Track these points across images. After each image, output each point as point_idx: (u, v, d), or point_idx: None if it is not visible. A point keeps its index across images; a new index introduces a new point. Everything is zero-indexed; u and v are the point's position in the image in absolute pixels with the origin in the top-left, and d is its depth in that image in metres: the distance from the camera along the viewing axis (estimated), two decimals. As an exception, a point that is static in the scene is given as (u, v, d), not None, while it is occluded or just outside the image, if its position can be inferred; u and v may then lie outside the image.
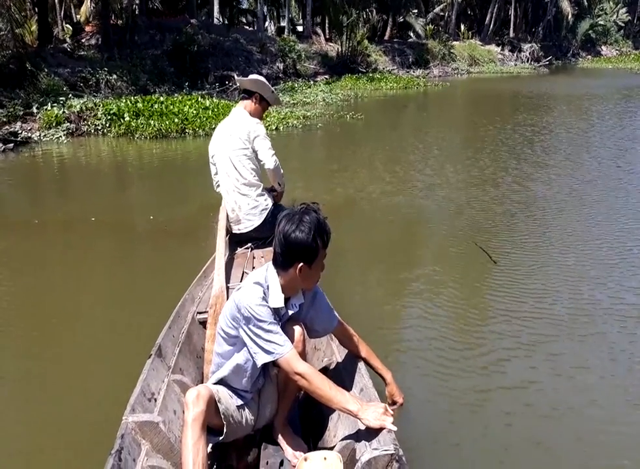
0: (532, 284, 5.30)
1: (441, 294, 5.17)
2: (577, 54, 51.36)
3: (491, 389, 3.80)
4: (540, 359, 4.11)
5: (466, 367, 4.01)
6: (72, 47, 19.22)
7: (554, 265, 5.77)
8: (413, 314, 4.87)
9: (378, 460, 2.09)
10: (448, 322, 4.70)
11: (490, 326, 4.62)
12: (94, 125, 13.23)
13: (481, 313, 4.85)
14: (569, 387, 3.80)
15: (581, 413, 3.54)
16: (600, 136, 13.48)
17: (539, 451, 3.21)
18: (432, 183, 9.02)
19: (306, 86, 22.79)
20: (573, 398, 3.66)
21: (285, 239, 2.33)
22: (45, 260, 6.19)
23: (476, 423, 3.45)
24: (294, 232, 2.31)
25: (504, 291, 5.18)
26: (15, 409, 3.68)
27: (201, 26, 23.92)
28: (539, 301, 4.95)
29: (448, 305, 4.97)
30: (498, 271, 5.61)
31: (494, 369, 4.02)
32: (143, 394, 2.51)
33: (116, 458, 2.11)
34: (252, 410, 2.62)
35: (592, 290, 5.17)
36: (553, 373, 3.94)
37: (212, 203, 5.93)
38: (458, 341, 4.38)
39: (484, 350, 4.25)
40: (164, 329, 3.07)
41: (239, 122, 4.29)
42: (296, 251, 2.33)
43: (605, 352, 4.17)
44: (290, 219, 2.35)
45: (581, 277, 5.45)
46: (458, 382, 3.84)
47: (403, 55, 33.85)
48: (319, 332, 2.72)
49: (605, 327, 4.52)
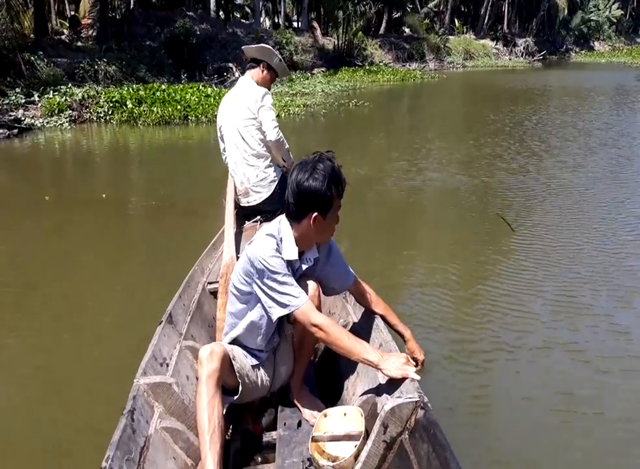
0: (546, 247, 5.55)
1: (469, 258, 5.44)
2: (571, 49, 51.55)
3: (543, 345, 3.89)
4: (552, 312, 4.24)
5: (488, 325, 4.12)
6: (70, 39, 19.16)
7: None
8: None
9: (403, 408, 1.99)
10: (469, 282, 4.82)
11: (506, 283, 4.79)
12: (97, 112, 13.23)
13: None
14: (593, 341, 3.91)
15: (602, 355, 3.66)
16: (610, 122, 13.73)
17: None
18: (450, 161, 9.41)
19: (304, 78, 22.80)
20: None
21: (298, 188, 2.21)
22: (61, 232, 6.32)
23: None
24: (308, 181, 2.18)
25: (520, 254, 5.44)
26: (28, 371, 3.74)
27: (198, 19, 23.89)
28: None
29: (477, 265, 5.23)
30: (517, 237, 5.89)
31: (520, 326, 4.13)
32: (154, 358, 2.45)
33: (129, 418, 2.06)
34: (267, 371, 2.54)
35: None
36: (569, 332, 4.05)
37: (217, 180, 5.98)
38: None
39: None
40: (174, 297, 3.00)
41: (247, 92, 4.13)
42: (310, 200, 2.21)
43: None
44: (304, 168, 2.22)
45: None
46: (482, 342, 3.93)
47: (398, 49, 33.87)
48: (335, 289, 2.60)
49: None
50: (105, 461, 1.84)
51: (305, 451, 2.27)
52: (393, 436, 2.01)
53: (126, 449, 1.96)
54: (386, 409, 1.99)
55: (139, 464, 1.99)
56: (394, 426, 1.99)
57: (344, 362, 2.63)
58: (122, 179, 8.80)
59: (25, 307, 4.54)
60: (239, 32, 24.80)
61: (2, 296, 4.76)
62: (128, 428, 2.02)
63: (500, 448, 2.95)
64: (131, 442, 2.00)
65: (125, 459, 1.92)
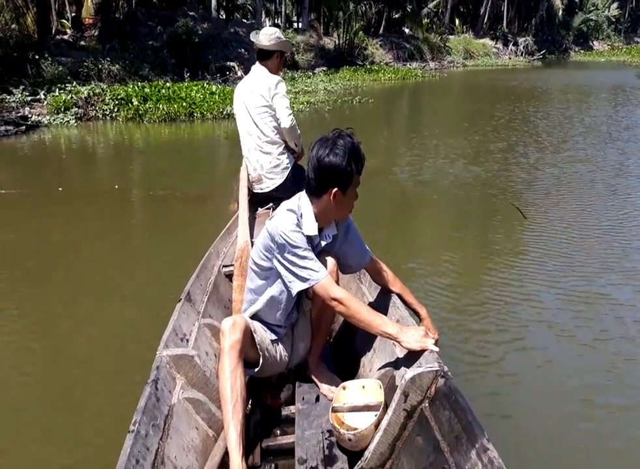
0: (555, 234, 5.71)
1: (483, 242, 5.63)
2: (570, 48, 51.61)
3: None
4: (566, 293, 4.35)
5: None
6: (74, 38, 19.22)
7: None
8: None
9: (423, 377, 1.99)
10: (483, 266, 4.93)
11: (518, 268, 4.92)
12: (102, 110, 13.31)
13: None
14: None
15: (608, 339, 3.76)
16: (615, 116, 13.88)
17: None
18: (459, 154, 9.57)
19: (306, 77, 22.87)
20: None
21: (318, 163, 2.23)
22: (78, 219, 6.56)
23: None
24: (328, 156, 2.21)
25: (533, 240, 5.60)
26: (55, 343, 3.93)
27: (200, 18, 23.96)
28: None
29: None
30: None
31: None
32: (175, 333, 2.49)
33: (153, 387, 2.10)
34: (286, 346, 2.57)
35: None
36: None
37: (222, 173, 6.44)
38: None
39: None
40: (192, 278, 3.04)
41: (260, 79, 4.16)
42: (330, 175, 2.23)
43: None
44: (324, 144, 2.25)
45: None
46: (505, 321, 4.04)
47: (399, 49, 33.92)
48: (352, 267, 2.61)
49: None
50: (133, 425, 1.90)
51: (324, 423, 2.30)
52: (413, 404, 2.02)
53: (152, 416, 2.01)
54: (407, 378, 1.99)
55: (164, 431, 2.04)
56: (414, 395, 2.01)
57: (360, 340, 2.68)
58: (131, 172, 8.98)
59: (47, 286, 4.76)
60: (240, 31, 24.86)
61: (27, 277, 4.97)
62: (153, 396, 2.07)
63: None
64: (156, 410, 2.05)
65: (151, 425, 1.98)
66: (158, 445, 1.96)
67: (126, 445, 1.82)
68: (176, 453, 2.03)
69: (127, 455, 1.78)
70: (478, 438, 1.72)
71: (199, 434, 2.22)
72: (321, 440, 2.23)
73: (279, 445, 2.30)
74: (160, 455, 1.94)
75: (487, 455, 1.66)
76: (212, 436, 2.27)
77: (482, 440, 1.71)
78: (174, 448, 2.04)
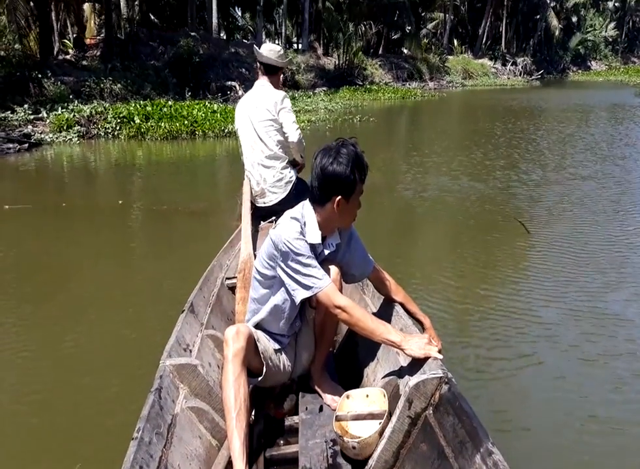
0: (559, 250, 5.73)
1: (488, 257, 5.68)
2: (568, 68, 52.10)
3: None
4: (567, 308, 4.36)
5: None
6: (76, 58, 19.39)
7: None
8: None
9: (427, 384, 1.99)
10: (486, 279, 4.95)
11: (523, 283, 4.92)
12: (104, 128, 13.39)
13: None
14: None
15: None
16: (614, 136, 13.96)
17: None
18: (462, 171, 9.64)
19: (306, 96, 23.03)
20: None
21: (322, 172, 2.25)
22: (82, 233, 6.75)
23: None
24: (332, 165, 2.22)
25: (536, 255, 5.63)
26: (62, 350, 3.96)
27: (201, 39, 24.18)
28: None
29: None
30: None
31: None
32: (178, 343, 2.48)
33: (157, 395, 2.09)
34: (289, 356, 2.56)
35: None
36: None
37: (223, 189, 6.69)
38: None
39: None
40: (195, 290, 3.04)
41: (265, 94, 4.17)
42: (333, 183, 2.25)
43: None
44: (328, 153, 2.27)
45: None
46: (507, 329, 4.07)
47: (398, 69, 34.25)
48: (355, 276, 2.61)
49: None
50: (137, 432, 1.88)
51: (328, 433, 2.28)
52: (417, 411, 2.01)
53: (155, 424, 1.99)
54: (411, 385, 1.99)
55: (167, 439, 2.02)
56: (419, 401, 2.00)
57: (363, 350, 2.67)
58: (133, 188, 9.06)
59: (54, 298, 4.85)
60: (241, 51, 25.12)
61: (33, 290, 5.04)
62: (156, 404, 2.05)
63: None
64: (159, 418, 2.04)
65: (155, 432, 1.96)
66: (161, 453, 1.95)
67: (129, 452, 1.81)
68: (180, 461, 2.01)
69: (130, 462, 1.76)
70: (482, 443, 1.71)
71: (202, 443, 2.21)
72: (325, 449, 2.22)
73: (282, 455, 2.29)
74: (164, 463, 1.92)
75: (492, 459, 1.64)
76: (215, 446, 2.26)
77: (487, 444, 1.69)
78: (177, 456, 2.02)
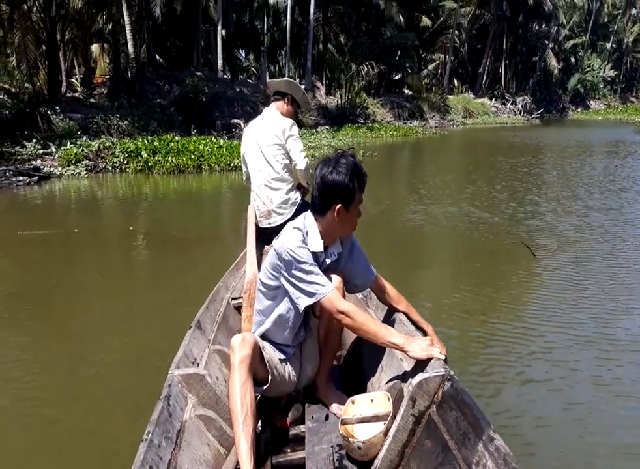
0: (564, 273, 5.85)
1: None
2: (567, 107, 52.74)
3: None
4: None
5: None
6: (84, 96, 19.78)
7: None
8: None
9: (430, 381, 2.03)
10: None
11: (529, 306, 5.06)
12: (112, 162, 13.61)
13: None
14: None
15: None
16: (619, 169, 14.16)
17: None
18: (468, 202, 9.88)
19: (310, 134, 23.34)
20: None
21: (322, 181, 2.34)
22: (95, 255, 7.11)
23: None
24: (332, 174, 2.32)
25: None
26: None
27: (206, 78, 24.66)
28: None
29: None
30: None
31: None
32: (186, 356, 2.52)
33: (166, 403, 2.13)
34: (294, 366, 2.60)
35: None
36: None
37: (227, 219, 7.16)
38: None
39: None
40: (202, 308, 3.10)
41: (273, 121, 4.29)
42: (333, 192, 2.33)
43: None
44: (327, 163, 2.36)
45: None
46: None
47: (399, 108, 34.68)
48: (358, 286, 2.65)
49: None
50: (146, 435, 1.92)
51: (334, 439, 2.31)
52: (421, 410, 2.04)
53: (164, 429, 2.03)
54: (414, 383, 2.03)
55: (176, 443, 2.05)
56: (422, 400, 2.03)
57: (367, 362, 2.71)
58: (142, 217, 9.34)
59: (72, 317, 5.09)
60: (245, 90, 25.64)
61: (50, 310, 5.30)
62: (165, 411, 2.09)
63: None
64: (168, 424, 2.07)
65: (164, 437, 1.99)
66: (170, 456, 1.98)
67: (139, 452, 1.84)
68: (189, 465, 2.04)
69: (141, 461, 1.80)
70: (484, 431, 1.75)
71: (210, 450, 2.23)
72: (331, 453, 2.23)
73: (289, 461, 2.30)
74: (173, 465, 1.96)
75: (494, 444, 1.68)
76: (223, 454, 2.28)
77: (489, 432, 1.73)
78: (186, 460, 2.05)
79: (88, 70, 25.20)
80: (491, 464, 1.66)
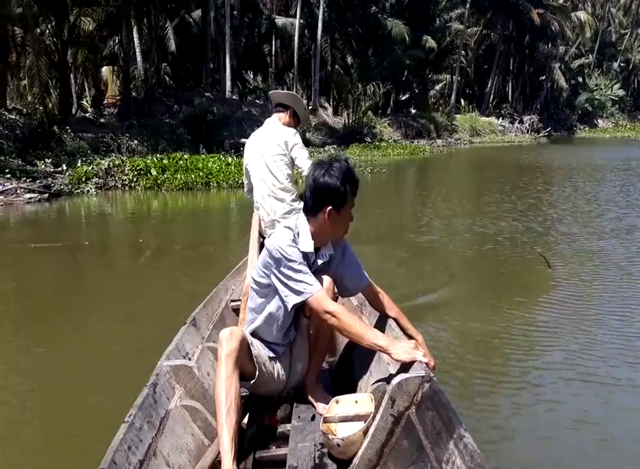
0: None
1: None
2: (575, 126, 52.70)
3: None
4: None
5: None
6: (94, 116, 20.10)
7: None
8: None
9: (410, 382, 2.05)
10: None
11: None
12: (122, 180, 13.81)
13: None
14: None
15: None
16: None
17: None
18: (480, 217, 10.01)
19: (317, 153, 23.47)
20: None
21: (314, 183, 2.41)
22: (106, 265, 7.46)
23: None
24: (324, 177, 2.38)
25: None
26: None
27: (215, 98, 24.98)
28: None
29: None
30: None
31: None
32: (177, 350, 2.56)
33: (151, 390, 2.16)
34: (284, 365, 2.63)
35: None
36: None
37: (232, 232, 7.56)
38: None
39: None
40: (198, 307, 3.15)
41: (276, 131, 4.30)
42: (325, 194, 2.40)
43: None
44: (321, 166, 2.43)
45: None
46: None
47: (407, 127, 34.83)
48: (349, 290, 2.72)
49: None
50: (128, 417, 1.96)
51: (317, 438, 2.34)
52: (400, 410, 2.07)
53: (147, 414, 2.06)
54: (394, 383, 2.06)
55: (159, 429, 2.08)
56: (402, 400, 2.06)
57: (358, 366, 2.75)
58: (151, 231, 9.61)
59: (86, 322, 5.30)
60: (254, 111, 25.92)
61: (65, 312, 5.59)
62: (150, 397, 2.13)
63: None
64: (152, 409, 2.11)
65: (146, 421, 2.03)
66: (151, 440, 2.00)
67: (119, 433, 1.87)
68: (169, 451, 2.07)
69: (119, 440, 1.82)
70: (455, 429, 1.80)
71: (194, 441, 2.26)
72: (313, 451, 2.27)
73: (272, 457, 2.33)
74: (153, 448, 1.98)
75: (463, 442, 1.74)
76: (207, 444, 2.30)
77: (460, 430, 1.78)
78: (167, 446, 2.07)
79: (99, 92, 25.64)
80: (459, 461, 1.72)
